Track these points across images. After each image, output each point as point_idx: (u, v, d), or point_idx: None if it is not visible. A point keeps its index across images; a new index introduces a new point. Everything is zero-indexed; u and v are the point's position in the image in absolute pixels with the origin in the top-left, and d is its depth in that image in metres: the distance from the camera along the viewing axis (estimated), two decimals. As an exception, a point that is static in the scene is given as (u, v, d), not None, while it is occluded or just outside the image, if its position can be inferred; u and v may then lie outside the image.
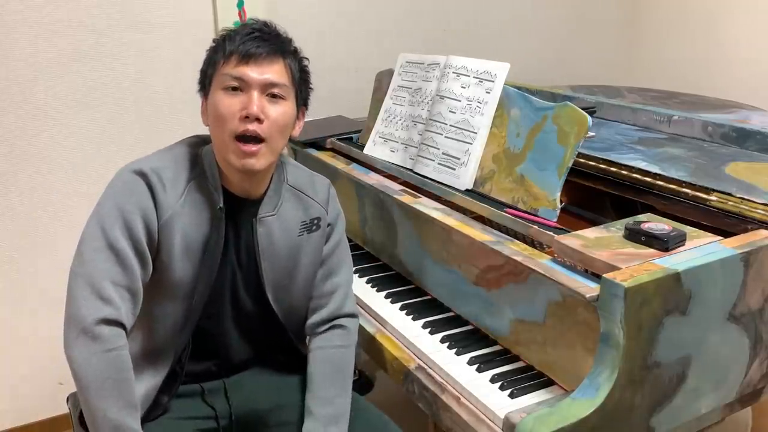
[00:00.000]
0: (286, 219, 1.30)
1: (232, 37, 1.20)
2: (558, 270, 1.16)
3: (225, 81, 1.18)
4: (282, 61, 1.21)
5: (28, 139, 1.94)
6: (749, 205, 1.26)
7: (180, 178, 1.21)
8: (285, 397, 1.32)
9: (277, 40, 1.23)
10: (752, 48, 2.51)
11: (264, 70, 1.18)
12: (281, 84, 1.20)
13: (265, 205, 1.27)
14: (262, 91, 1.18)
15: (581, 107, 1.31)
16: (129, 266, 1.14)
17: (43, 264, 2.03)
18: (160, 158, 1.23)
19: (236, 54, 1.18)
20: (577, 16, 2.84)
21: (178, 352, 1.23)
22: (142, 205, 1.16)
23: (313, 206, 1.34)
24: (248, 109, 1.16)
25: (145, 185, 1.17)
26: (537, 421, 1.02)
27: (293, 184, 1.32)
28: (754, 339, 1.21)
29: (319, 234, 1.34)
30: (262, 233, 1.27)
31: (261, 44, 1.19)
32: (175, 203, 1.19)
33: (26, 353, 2.07)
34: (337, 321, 1.36)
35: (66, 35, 1.92)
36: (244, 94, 1.17)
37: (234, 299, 1.29)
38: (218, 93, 1.19)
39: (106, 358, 1.09)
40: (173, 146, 1.27)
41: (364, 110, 1.89)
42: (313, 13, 2.26)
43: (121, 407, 1.09)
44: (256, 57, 1.18)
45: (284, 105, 1.21)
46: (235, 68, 1.17)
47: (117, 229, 1.14)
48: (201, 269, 1.21)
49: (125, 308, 1.13)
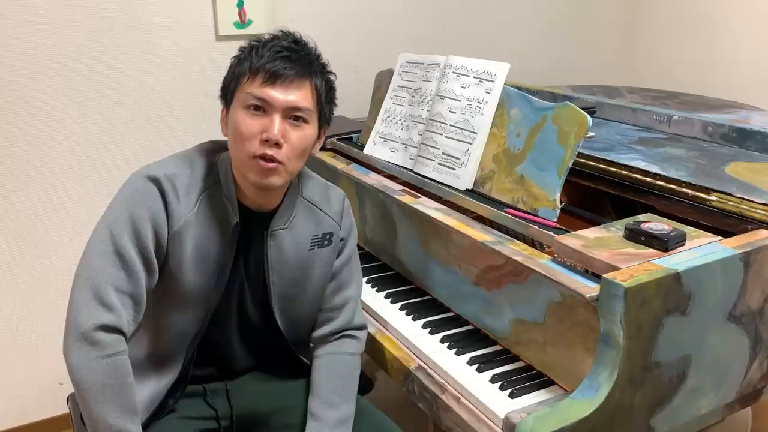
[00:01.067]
0: (297, 233, 1.28)
1: (259, 52, 1.16)
2: (558, 270, 1.16)
3: (248, 100, 1.14)
4: (309, 84, 1.17)
5: (28, 139, 1.94)
6: (749, 205, 1.26)
7: (194, 188, 1.19)
8: (286, 400, 1.32)
9: (306, 59, 1.18)
10: (752, 48, 2.51)
11: (289, 93, 1.14)
12: (305, 108, 1.16)
13: (277, 219, 1.26)
14: (284, 114, 1.15)
15: (581, 107, 1.31)
16: (134, 273, 1.13)
17: (43, 264, 2.03)
18: (175, 164, 1.20)
19: (262, 72, 1.14)
20: (578, 16, 2.84)
21: (185, 359, 1.22)
22: (153, 213, 1.14)
23: (326, 221, 1.32)
24: (268, 133, 1.13)
25: (158, 192, 1.15)
26: (537, 421, 1.02)
27: (308, 198, 1.30)
28: (754, 339, 1.21)
29: (330, 249, 1.33)
30: (273, 246, 1.25)
31: (289, 65, 1.15)
32: (188, 213, 1.17)
33: (26, 353, 2.07)
34: (347, 332, 1.36)
35: (66, 35, 1.92)
36: (266, 116, 1.14)
37: (240, 309, 1.28)
38: (240, 111, 1.15)
39: (104, 363, 1.08)
40: (189, 152, 1.25)
41: (364, 110, 1.89)
42: (313, 13, 2.26)
43: (120, 413, 1.08)
44: (283, 79, 1.14)
45: (306, 129, 1.18)
46: (259, 88, 1.14)
47: (126, 235, 1.13)
48: (212, 281, 1.20)
49: (126, 315, 1.12)
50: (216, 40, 2.12)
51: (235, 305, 1.27)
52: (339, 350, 1.34)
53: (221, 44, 2.12)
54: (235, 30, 2.12)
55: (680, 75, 2.74)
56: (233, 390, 1.32)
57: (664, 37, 2.83)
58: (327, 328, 1.35)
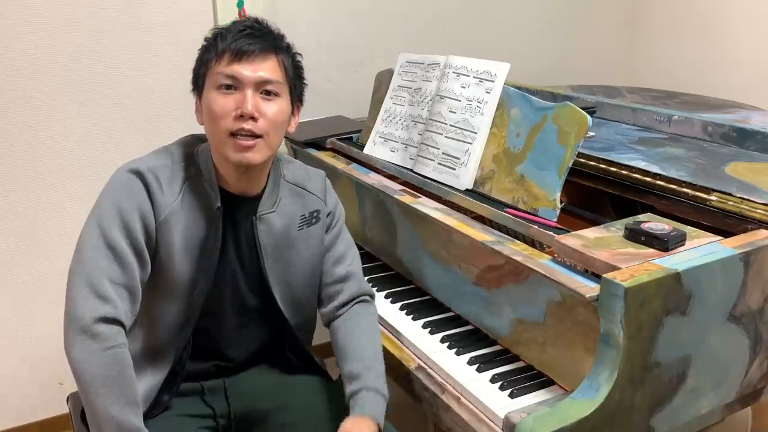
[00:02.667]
0: (285, 214, 1.30)
1: (223, 35, 1.19)
2: (558, 270, 1.16)
3: (218, 80, 1.17)
4: (275, 58, 1.20)
5: (28, 139, 1.94)
6: (749, 205, 1.26)
7: (176, 178, 1.21)
8: (285, 397, 1.32)
9: (270, 36, 1.22)
10: (752, 48, 2.50)
11: (257, 67, 1.17)
12: (275, 81, 1.19)
13: (264, 203, 1.28)
14: (255, 88, 1.17)
15: (581, 107, 1.31)
16: (127, 265, 1.14)
17: (42, 264, 2.02)
18: (156, 158, 1.23)
19: (228, 52, 1.17)
20: (578, 16, 2.84)
21: (178, 351, 1.23)
22: (139, 204, 1.17)
23: (311, 199, 1.34)
24: (242, 108, 1.16)
25: (141, 184, 1.18)
26: (537, 421, 1.02)
27: (290, 180, 1.33)
28: (754, 339, 1.21)
29: (320, 226, 1.35)
30: (263, 230, 1.27)
31: (253, 41, 1.18)
32: (173, 202, 1.19)
33: (26, 353, 2.07)
34: (358, 299, 1.38)
35: (66, 35, 1.92)
36: (238, 92, 1.17)
37: (235, 297, 1.29)
38: (212, 92, 1.18)
39: (105, 356, 1.09)
40: (169, 146, 1.27)
41: (364, 110, 1.89)
42: (313, 13, 2.26)
43: (122, 404, 1.09)
44: (249, 54, 1.17)
45: (279, 102, 1.20)
46: (227, 66, 1.17)
47: (115, 227, 1.15)
48: (199, 268, 1.21)
49: (124, 307, 1.13)
50: (216, 40, 2.12)
51: (229, 294, 1.28)
52: (356, 315, 1.35)
53: (221, 44, 2.12)
54: (235, 30, 2.12)
55: (680, 75, 2.73)
56: (231, 388, 1.32)
57: (664, 37, 2.83)
58: (336, 301, 1.37)
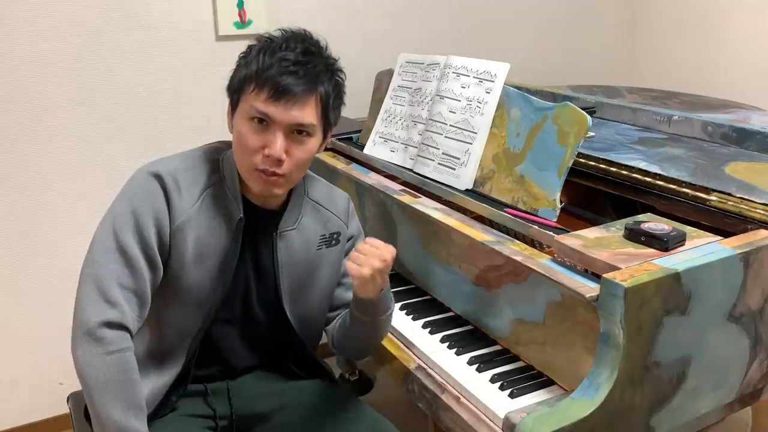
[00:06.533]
0: (306, 233, 1.29)
1: (267, 61, 1.13)
2: (558, 270, 1.16)
3: (251, 112, 1.14)
4: (315, 98, 1.16)
5: (28, 139, 1.94)
6: (749, 205, 1.26)
7: (197, 183, 1.20)
8: (288, 399, 1.32)
9: (314, 71, 1.16)
10: (752, 48, 2.51)
11: (293, 110, 1.13)
12: (308, 124, 1.16)
13: (286, 219, 1.27)
14: (288, 130, 1.15)
15: (581, 107, 1.31)
16: (138, 270, 1.13)
17: (43, 264, 2.02)
18: (180, 161, 1.21)
19: (268, 87, 1.12)
20: (578, 16, 2.84)
21: (187, 357, 1.22)
22: (155, 209, 1.15)
23: (333, 220, 1.33)
24: (270, 150, 1.13)
25: (160, 188, 1.16)
26: (537, 421, 1.02)
27: (313, 198, 1.32)
28: (754, 339, 1.21)
29: (338, 249, 1.34)
30: (282, 247, 1.26)
31: (296, 82, 1.13)
32: (190, 208, 1.18)
33: (26, 353, 2.07)
34: None
35: (66, 35, 1.92)
36: (269, 130, 1.14)
37: (245, 308, 1.28)
38: (244, 121, 1.15)
39: (109, 360, 1.08)
40: (195, 150, 1.26)
41: (364, 110, 1.89)
42: (313, 13, 2.26)
43: (125, 408, 1.08)
44: (288, 96, 1.12)
45: (309, 142, 1.18)
46: (263, 103, 1.13)
47: (128, 231, 1.14)
48: (216, 278, 1.20)
49: (131, 312, 1.13)
50: (216, 40, 2.12)
51: (240, 304, 1.27)
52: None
53: (221, 44, 2.12)
54: (235, 30, 2.12)
55: (680, 75, 2.74)
56: (234, 390, 1.31)
57: (664, 37, 2.83)
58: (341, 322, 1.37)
